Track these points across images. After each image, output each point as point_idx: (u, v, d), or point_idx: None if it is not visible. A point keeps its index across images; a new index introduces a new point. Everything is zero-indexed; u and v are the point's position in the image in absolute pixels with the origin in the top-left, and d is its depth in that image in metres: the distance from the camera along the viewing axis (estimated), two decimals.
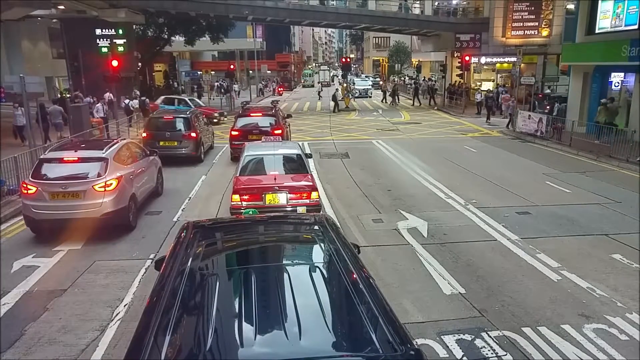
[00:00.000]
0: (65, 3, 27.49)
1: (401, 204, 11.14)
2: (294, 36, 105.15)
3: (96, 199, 8.69)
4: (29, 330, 6.00)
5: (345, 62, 42.63)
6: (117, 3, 28.52)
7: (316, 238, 4.43)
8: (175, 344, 2.78)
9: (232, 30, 44.66)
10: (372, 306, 3.05)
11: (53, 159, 9.13)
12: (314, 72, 78.90)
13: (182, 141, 15.50)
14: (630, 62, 17.24)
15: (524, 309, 6.35)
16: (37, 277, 7.49)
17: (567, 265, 7.70)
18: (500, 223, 9.76)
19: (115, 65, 20.74)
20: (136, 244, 8.83)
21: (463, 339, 5.66)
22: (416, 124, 26.16)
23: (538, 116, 20.67)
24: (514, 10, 31.65)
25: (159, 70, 50.86)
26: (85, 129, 16.39)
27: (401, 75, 62.73)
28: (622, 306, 6.42)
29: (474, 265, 7.76)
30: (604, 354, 5.38)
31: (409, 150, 17.97)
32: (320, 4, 39.83)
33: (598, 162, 15.75)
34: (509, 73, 30.31)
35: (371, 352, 2.68)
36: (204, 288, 3.46)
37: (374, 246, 8.59)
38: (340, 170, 14.97)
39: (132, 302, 6.65)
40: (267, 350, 2.73)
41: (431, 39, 42.45)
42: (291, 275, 3.50)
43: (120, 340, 5.64)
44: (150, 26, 38.97)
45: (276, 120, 16.44)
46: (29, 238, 9.10)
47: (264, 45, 58.75)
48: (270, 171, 9.51)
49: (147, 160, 11.16)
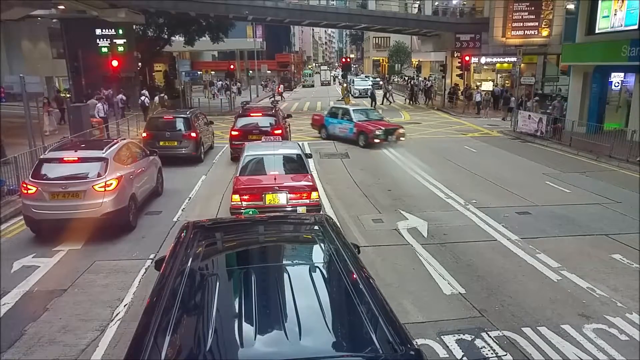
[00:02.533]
0: (65, 3, 27.47)
1: (401, 204, 11.14)
2: (294, 36, 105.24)
3: (96, 199, 8.69)
4: (29, 330, 6.00)
5: (345, 62, 42.62)
6: (117, 3, 28.50)
7: (316, 238, 4.43)
8: (175, 344, 2.78)
9: (232, 30, 44.63)
10: (372, 306, 3.05)
11: (53, 159, 9.13)
12: (314, 72, 79.13)
13: (182, 141, 15.50)
14: (630, 62, 17.26)
15: (524, 309, 6.35)
16: (37, 277, 7.49)
17: (567, 265, 7.70)
18: (500, 223, 9.76)
19: (115, 65, 20.75)
20: (136, 244, 8.83)
21: (463, 339, 5.66)
22: (416, 124, 26.16)
23: (538, 116, 20.68)
24: (514, 10, 31.65)
25: (159, 70, 50.83)
26: (85, 129, 16.38)
27: (401, 75, 62.76)
28: (622, 306, 6.42)
29: (474, 265, 7.76)
30: (604, 354, 5.38)
31: (409, 150, 17.97)
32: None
33: (598, 162, 15.75)
34: (509, 73, 30.33)
35: (371, 352, 2.68)
36: (204, 288, 3.46)
37: (374, 246, 8.59)
38: (340, 170, 14.98)
39: (132, 302, 6.65)
40: (267, 351, 2.73)
41: (431, 39, 42.45)
42: (291, 276, 3.50)
43: (120, 340, 5.64)
44: (150, 26, 38.94)
45: (276, 120, 16.45)
46: (29, 238, 9.10)
47: (264, 45, 58.73)
48: (270, 171, 9.51)
49: (147, 160, 11.16)
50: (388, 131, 18.40)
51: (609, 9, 19.49)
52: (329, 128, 20.35)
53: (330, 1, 54.37)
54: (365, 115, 20.01)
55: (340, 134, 19.70)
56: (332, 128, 20.18)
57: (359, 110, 20.43)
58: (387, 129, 18.45)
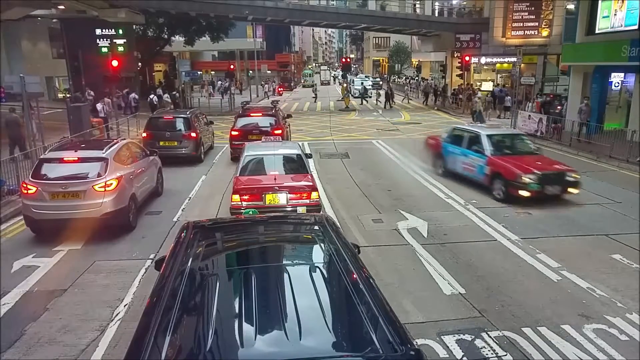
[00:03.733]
0: (65, 3, 27.47)
1: (401, 204, 11.14)
2: (294, 36, 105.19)
3: (96, 199, 8.69)
4: (29, 330, 6.00)
5: (345, 62, 42.71)
6: (117, 3, 28.49)
7: (316, 238, 4.43)
8: (175, 344, 2.78)
9: (232, 30, 44.64)
10: (372, 306, 3.05)
11: (53, 159, 9.13)
12: (314, 72, 79.31)
13: (182, 141, 15.51)
14: (630, 62, 17.26)
15: (524, 309, 6.35)
16: (37, 277, 7.49)
17: (567, 265, 7.70)
18: (500, 223, 9.76)
19: (115, 65, 20.70)
20: (136, 244, 8.83)
21: (463, 339, 5.66)
22: (416, 124, 26.16)
23: (538, 116, 20.68)
24: (514, 11, 31.63)
25: (159, 70, 50.81)
26: (85, 129, 16.38)
27: (401, 75, 62.77)
28: (622, 306, 6.42)
29: (474, 266, 7.76)
30: (604, 354, 5.38)
31: (409, 150, 17.96)
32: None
33: (598, 162, 15.75)
34: (509, 73, 30.33)
35: (371, 352, 2.68)
36: (204, 288, 3.46)
37: (374, 246, 8.59)
38: (340, 170, 14.97)
39: (132, 302, 6.65)
40: (267, 351, 2.73)
41: (431, 39, 42.44)
42: (291, 276, 3.50)
43: (120, 340, 5.63)
44: (150, 26, 38.94)
45: (276, 120, 16.45)
46: (29, 238, 9.10)
47: (264, 45, 58.71)
48: (270, 171, 9.52)
49: (147, 160, 11.16)
50: (548, 177, 10.87)
51: (609, 9, 19.49)
52: (448, 160, 13.47)
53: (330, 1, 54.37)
54: (506, 144, 12.66)
55: (465, 172, 12.68)
56: (452, 161, 13.24)
57: (497, 136, 12.64)
58: (546, 174, 10.86)
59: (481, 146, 12.03)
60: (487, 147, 11.90)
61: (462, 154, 12.73)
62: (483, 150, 11.91)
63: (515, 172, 10.84)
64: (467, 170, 12.54)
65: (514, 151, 12.29)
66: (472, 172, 12.29)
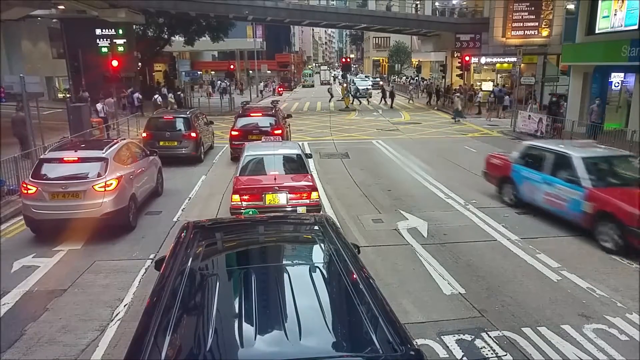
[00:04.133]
0: (65, 3, 27.50)
1: (401, 204, 11.14)
2: (294, 36, 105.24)
3: (96, 199, 8.69)
4: (29, 330, 6.00)
5: (345, 62, 42.67)
6: (117, 3, 28.52)
7: (316, 238, 4.44)
8: (175, 344, 2.78)
9: (232, 30, 44.68)
10: (372, 306, 3.05)
11: (53, 159, 9.13)
12: (314, 72, 79.41)
13: (182, 141, 15.51)
14: (630, 62, 17.24)
15: (524, 309, 6.36)
16: (37, 277, 7.49)
17: (567, 265, 7.70)
18: (500, 223, 9.76)
19: (115, 65, 20.71)
20: (136, 244, 8.83)
21: (463, 339, 5.66)
22: (416, 124, 26.16)
23: (538, 116, 20.67)
24: (514, 11, 31.66)
25: (159, 70, 50.85)
26: (85, 129, 16.38)
27: (401, 75, 62.78)
28: (622, 306, 6.42)
29: (474, 266, 7.76)
30: (604, 354, 5.38)
31: (409, 150, 17.96)
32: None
33: None
34: (509, 73, 30.33)
35: (371, 353, 2.68)
36: (204, 288, 3.46)
37: (374, 246, 8.59)
38: (340, 170, 14.97)
39: (132, 302, 6.65)
40: (267, 351, 2.74)
41: (431, 39, 42.46)
42: (291, 276, 3.50)
43: (120, 340, 5.64)
44: (150, 26, 38.98)
45: (276, 120, 16.44)
46: (29, 238, 9.10)
47: (264, 45, 58.76)
48: (270, 171, 9.52)
49: (147, 160, 11.16)
50: None
51: (609, 9, 19.49)
52: (522, 188, 10.40)
53: (330, 1, 54.37)
54: (612, 169, 9.57)
55: (548, 205, 9.72)
56: (529, 190, 10.19)
57: (597, 159, 9.47)
58: None
59: (574, 173, 9.02)
60: (584, 174, 8.85)
61: (545, 182, 9.69)
62: (578, 180, 8.89)
63: (634, 212, 7.72)
64: (552, 204, 9.53)
65: (625, 181, 9.01)
66: (560, 207, 9.30)
